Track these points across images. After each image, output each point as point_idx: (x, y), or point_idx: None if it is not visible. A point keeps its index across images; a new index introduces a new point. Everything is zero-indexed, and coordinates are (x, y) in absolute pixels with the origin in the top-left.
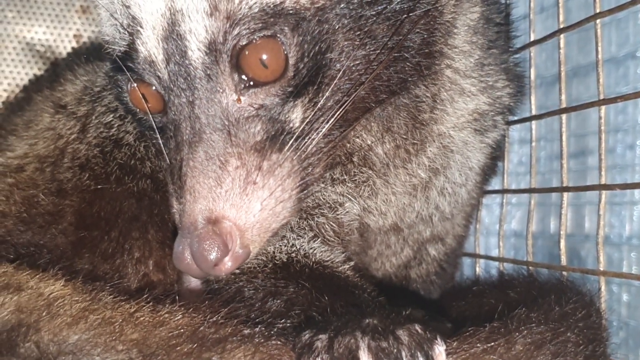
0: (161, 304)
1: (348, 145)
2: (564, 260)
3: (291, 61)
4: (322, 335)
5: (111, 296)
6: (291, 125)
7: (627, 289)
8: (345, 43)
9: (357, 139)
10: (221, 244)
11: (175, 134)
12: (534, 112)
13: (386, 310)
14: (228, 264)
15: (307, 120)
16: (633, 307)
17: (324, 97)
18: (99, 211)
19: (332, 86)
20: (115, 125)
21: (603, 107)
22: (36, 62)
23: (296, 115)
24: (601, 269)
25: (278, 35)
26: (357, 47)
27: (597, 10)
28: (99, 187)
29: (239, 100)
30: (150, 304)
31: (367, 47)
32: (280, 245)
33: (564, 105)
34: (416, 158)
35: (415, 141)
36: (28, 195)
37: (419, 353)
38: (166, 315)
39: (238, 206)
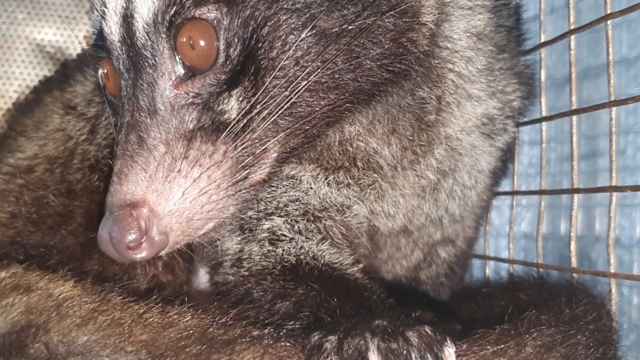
0: (170, 305)
1: (350, 149)
2: (574, 262)
3: (221, 45)
4: (332, 336)
5: (120, 297)
6: (226, 116)
7: (637, 291)
8: (289, 34)
9: (360, 142)
10: (136, 227)
11: (120, 116)
12: (544, 114)
13: (396, 312)
14: (143, 250)
15: (244, 112)
16: None
17: (263, 89)
18: None
19: (271, 78)
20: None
21: (614, 109)
22: (46, 63)
23: (231, 106)
24: (612, 271)
25: (208, 17)
26: (303, 40)
27: (608, 11)
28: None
29: (176, 86)
30: (160, 305)
31: (315, 41)
32: (289, 248)
33: (574, 107)
34: (424, 160)
35: (422, 143)
36: (38, 196)
37: (428, 354)
38: (175, 316)
39: (159, 192)
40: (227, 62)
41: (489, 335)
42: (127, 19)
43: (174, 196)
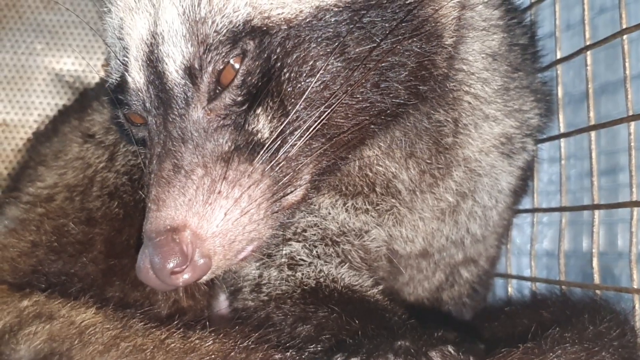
0: (192, 330)
1: (370, 174)
2: (597, 279)
3: (241, 69)
4: (354, 358)
5: (142, 323)
6: (259, 136)
7: None
8: (318, 60)
9: (380, 167)
10: (179, 252)
11: (149, 148)
12: (562, 130)
13: (418, 332)
14: (186, 274)
15: (278, 132)
16: None
17: (294, 110)
18: (129, 239)
19: (302, 100)
20: (143, 152)
21: (632, 123)
22: (65, 92)
23: (262, 125)
24: (635, 286)
25: (245, 51)
26: (332, 65)
27: (624, 26)
28: (128, 215)
29: (208, 113)
30: (181, 330)
31: (344, 65)
32: (308, 272)
33: (592, 123)
34: (443, 182)
35: (440, 166)
36: (58, 225)
37: None
38: (197, 341)
39: (200, 215)
40: (242, 85)
41: (513, 354)
42: (154, 62)
43: (216, 218)
